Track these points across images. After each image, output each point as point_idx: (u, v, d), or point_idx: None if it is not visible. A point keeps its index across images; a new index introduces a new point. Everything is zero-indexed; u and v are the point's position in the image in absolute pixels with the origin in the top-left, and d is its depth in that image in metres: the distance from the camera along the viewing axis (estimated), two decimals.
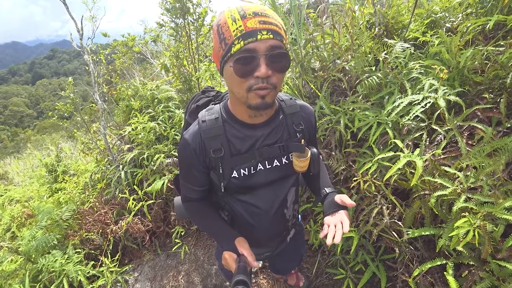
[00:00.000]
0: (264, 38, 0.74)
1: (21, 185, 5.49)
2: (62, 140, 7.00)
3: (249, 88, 0.79)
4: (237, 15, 0.75)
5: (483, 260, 1.10)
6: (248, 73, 0.77)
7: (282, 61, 0.79)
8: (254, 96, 0.81)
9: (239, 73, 0.77)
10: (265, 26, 0.74)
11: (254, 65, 0.76)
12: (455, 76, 1.70)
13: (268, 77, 0.78)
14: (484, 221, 1.03)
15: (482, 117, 1.49)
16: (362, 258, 1.74)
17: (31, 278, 2.30)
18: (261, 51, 0.75)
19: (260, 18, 0.75)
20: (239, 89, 0.81)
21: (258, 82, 0.78)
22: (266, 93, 0.80)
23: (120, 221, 2.74)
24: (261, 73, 0.76)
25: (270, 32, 0.75)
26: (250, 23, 0.74)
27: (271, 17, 0.77)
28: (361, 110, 1.88)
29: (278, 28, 0.77)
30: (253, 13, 0.75)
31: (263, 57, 0.75)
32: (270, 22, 0.76)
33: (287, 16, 2.49)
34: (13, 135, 40.68)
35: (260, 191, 1.03)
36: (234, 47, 0.75)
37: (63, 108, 3.04)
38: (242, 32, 0.74)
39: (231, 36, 0.75)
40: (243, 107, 0.87)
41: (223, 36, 0.77)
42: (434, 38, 1.96)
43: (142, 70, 6.14)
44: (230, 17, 0.76)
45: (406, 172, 1.48)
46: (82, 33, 2.86)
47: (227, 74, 0.81)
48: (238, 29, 0.74)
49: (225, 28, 0.77)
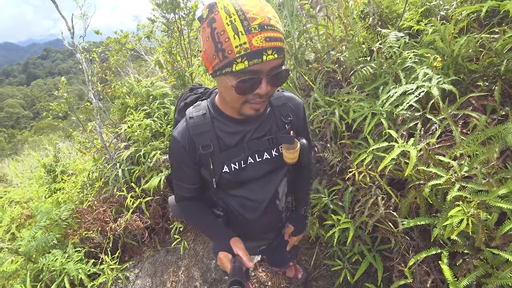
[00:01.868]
0: (269, 59, 0.71)
1: (20, 187, 5.49)
2: (59, 140, 6.97)
3: (244, 101, 0.80)
4: (239, 25, 0.68)
5: (477, 248, 1.10)
6: (249, 91, 0.77)
7: (282, 79, 0.79)
8: (249, 108, 0.82)
9: (240, 92, 0.76)
10: (271, 44, 0.70)
11: (255, 83, 0.75)
12: (450, 65, 1.68)
13: (268, 92, 0.78)
14: (478, 209, 1.03)
15: (477, 105, 1.49)
16: (359, 249, 1.75)
17: (32, 277, 2.31)
18: (264, 71, 0.74)
19: (266, 33, 0.69)
20: (234, 102, 0.82)
21: (255, 98, 0.78)
22: (261, 106, 0.82)
23: (119, 218, 2.75)
24: (262, 91, 0.76)
25: (275, 51, 0.71)
26: (256, 41, 0.68)
27: (276, 29, 0.71)
28: (355, 101, 1.87)
29: (282, 43, 0.73)
30: (259, 26, 0.68)
31: (266, 76, 0.74)
32: (276, 38, 0.71)
33: (281, 8, 2.45)
34: (10, 137, 40.55)
35: (252, 184, 1.03)
36: (237, 65, 0.71)
37: (57, 108, 3.02)
38: (246, 51, 0.69)
39: (232, 51, 0.69)
40: (237, 113, 0.89)
41: (221, 47, 0.71)
42: (428, 27, 1.94)
43: (137, 67, 6.10)
44: (230, 25, 0.68)
45: (401, 162, 1.47)
46: (73, 31, 2.81)
47: (223, 84, 0.80)
48: (242, 46, 0.68)
49: (223, 38, 0.70)
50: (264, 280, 2.16)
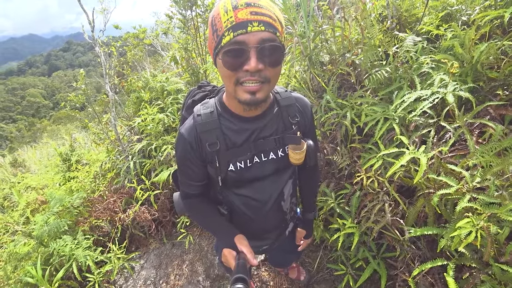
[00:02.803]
0: (254, 30, 0.72)
1: (37, 173, 5.70)
2: (76, 130, 7.20)
3: (236, 81, 0.78)
4: (229, 5, 0.73)
5: (486, 262, 1.06)
6: (238, 66, 0.75)
7: (274, 54, 0.76)
8: (243, 91, 0.79)
9: (228, 66, 0.76)
10: (257, 17, 0.72)
11: (243, 58, 0.74)
12: (468, 72, 1.63)
13: (260, 71, 0.76)
14: (488, 222, 0.99)
15: (495, 115, 1.43)
16: (363, 255, 1.72)
17: (43, 261, 2.40)
18: (251, 44, 0.73)
19: (252, 8, 0.72)
20: (228, 82, 0.81)
21: (247, 75, 0.76)
22: (256, 88, 0.78)
23: (128, 209, 2.81)
24: (250, 67, 0.74)
25: (262, 23, 0.72)
26: (241, 14, 0.71)
27: (264, 8, 0.74)
28: (368, 105, 1.84)
29: (271, 20, 0.74)
30: (246, 3, 0.72)
31: (254, 50, 0.73)
32: (263, 13, 0.73)
33: (298, 8, 2.44)
34: (30, 125, 42.14)
35: (257, 184, 1.03)
36: (224, 38, 0.74)
37: (75, 99, 3.12)
38: (232, 24, 0.72)
39: (222, 28, 0.74)
40: (236, 101, 0.86)
41: (215, 28, 0.76)
42: (447, 32, 1.88)
43: (154, 62, 6.20)
44: (223, 8, 0.74)
45: (411, 169, 1.44)
46: (94, 25, 2.89)
47: (219, 65, 0.80)
48: (229, 20, 0.72)
49: (217, 19, 0.75)
50: (266, 279, 2.16)
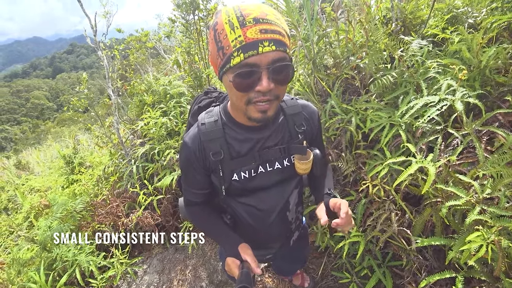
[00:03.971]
0: (266, 50, 0.69)
1: (41, 175, 5.73)
2: (79, 133, 7.22)
3: (248, 101, 0.77)
4: (235, 21, 0.69)
5: (496, 277, 1.04)
6: (249, 87, 0.74)
7: (284, 73, 0.74)
8: (254, 110, 0.78)
9: (239, 88, 0.74)
10: (267, 36, 0.69)
11: (255, 79, 0.72)
12: (476, 76, 1.60)
13: (271, 90, 0.74)
14: (499, 236, 0.96)
15: (504, 122, 1.40)
16: (369, 263, 1.70)
17: (46, 266, 2.40)
18: (263, 65, 0.71)
19: (261, 26, 0.69)
20: (238, 102, 0.79)
21: (258, 96, 0.75)
22: (267, 107, 0.77)
23: (130, 214, 2.80)
24: (262, 87, 0.72)
25: (273, 42, 0.70)
26: (250, 33, 0.68)
27: (273, 23, 0.71)
28: (374, 110, 1.81)
29: (281, 36, 0.71)
30: (254, 20, 0.69)
31: (265, 70, 0.71)
32: (273, 30, 0.70)
33: (301, 11, 2.42)
34: (34, 126, 42.58)
35: (261, 194, 1.01)
36: (233, 59, 0.71)
37: (77, 103, 3.12)
38: (241, 44, 0.69)
39: (229, 47, 0.71)
40: (245, 117, 0.84)
41: (221, 45, 0.73)
42: (454, 35, 1.85)
43: (156, 63, 6.21)
44: (228, 23, 0.70)
45: (418, 178, 1.41)
46: (96, 29, 2.89)
47: (226, 84, 0.78)
48: (237, 39, 0.69)
49: (222, 36, 0.72)
50: (270, 286, 2.14)
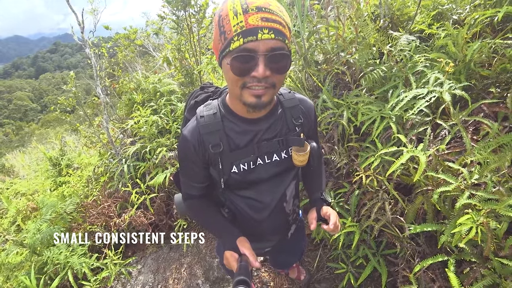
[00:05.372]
0: (265, 37, 0.71)
1: (27, 179, 5.56)
2: (66, 134, 7.05)
3: (243, 85, 0.78)
4: (239, 8, 0.71)
5: (485, 257, 1.09)
6: (245, 72, 0.75)
7: (281, 62, 0.76)
8: (248, 94, 0.79)
9: (236, 72, 0.75)
10: (267, 24, 0.71)
11: (252, 64, 0.74)
12: (461, 70, 1.66)
13: (267, 77, 0.75)
14: (487, 218, 1.01)
15: (488, 112, 1.47)
16: (363, 252, 1.74)
17: (37, 270, 2.34)
18: (261, 51, 0.72)
19: (263, 14, 0.71)
20: (233, 86, 0.80)
21: (254, 81, 0.76)
22: (262, 92, 0.78)
23: (123, 214, 2.76)
24: (258, 74, 0.74)
25: (272, 31, 0.71)
26: (252, 20, 0.70)
27: (275, 13, 0.73)
28: (364, 103, 1.86)
29: (281, 26, 0.73)
30: (257, 8, 0.71)
31: (262, 57, 0.73)
32: (274, 20, 0.72)
33: (291, 8, 2.44)
34: (17, 129, 41.14)
35: (260, 186, 1.02)
36: (233, 43, 0.72)
37: (65, 102, 3.05)
38: (242, 29, 0.71)
39: (230, 31, 0.72)
40: (241, 102, 0.85)
41: (223, 29, 0.74)
42: (440, 31, 1.91)
43: (145, 62, 6.12)
44: (232, 10, 0.72)
45: (409, 167, 1.46)
46: (83, 26, 2.83)
47: (225, 68, 0.79)
48: (239, 24, 0.71)
49: (226, 21, 0.73)
50: (267, 280, 2.16)
